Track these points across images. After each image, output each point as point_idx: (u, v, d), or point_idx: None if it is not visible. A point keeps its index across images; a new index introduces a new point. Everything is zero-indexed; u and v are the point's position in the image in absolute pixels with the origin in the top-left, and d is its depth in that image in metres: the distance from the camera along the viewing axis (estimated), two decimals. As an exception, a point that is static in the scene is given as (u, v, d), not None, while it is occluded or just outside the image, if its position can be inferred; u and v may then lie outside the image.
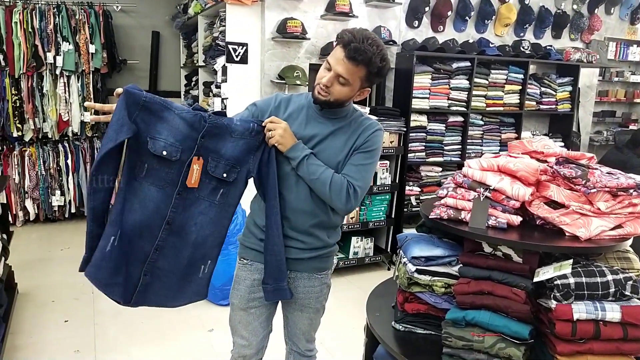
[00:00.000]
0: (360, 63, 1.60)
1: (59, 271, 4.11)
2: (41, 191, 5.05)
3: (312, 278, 1.86)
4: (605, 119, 6.22)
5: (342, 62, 1.61)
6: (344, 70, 1.62)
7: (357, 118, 1.79)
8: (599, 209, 1.58)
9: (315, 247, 1.82)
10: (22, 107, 4.87)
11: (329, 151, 1.73)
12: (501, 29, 4.86)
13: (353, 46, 1.58)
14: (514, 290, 1.52)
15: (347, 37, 1.60)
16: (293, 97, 1.82)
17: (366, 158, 1.74)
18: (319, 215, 1.77)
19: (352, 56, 1.59)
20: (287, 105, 1.78)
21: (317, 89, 1.69)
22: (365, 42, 1.59)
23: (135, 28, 5.66)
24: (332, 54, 1.65)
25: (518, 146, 1.92)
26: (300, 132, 1.73)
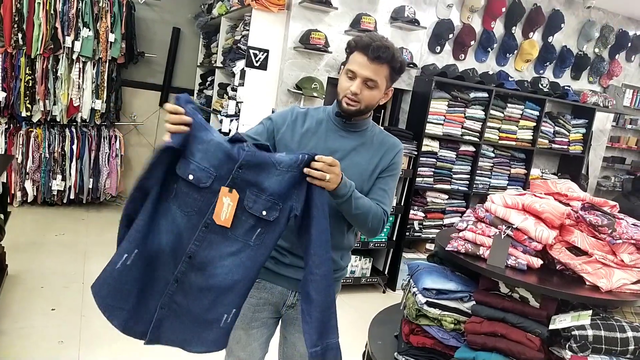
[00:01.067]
0: (384, 61, 1.58)
1: (52, 257, 4.04)
2: (42, 174, 4.99)
3: None
4: (614, 165, 6.20)
5: (366, 65, 1.58)
6: (371, 73, 1.58)
7: (378, 134, 1.76)
8: (623, 260, 1.53)
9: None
10: (34, 88, 4.82)
11: (353, 168, 1.67)
12: (522, 64, 4.85)
13: (375, 45, 1.56)
14: (528, 336, 1.47)
15: (364, 40, 1.59)
16: (310, 110, 1.77)
17: (393, 180, 1.73)
18: (335, 235, 1.67)
19: (377, 56, 1.57)
20: (304, 119, 1.73)
21: (345, 100, 1.63)
22: (382, 40, 1.60)
23: (156, 22, 5.64)
24: (351, 62, 1.62)
25: (542, 186, 1.87)
26: (320, 147, 1.67)
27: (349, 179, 1.62)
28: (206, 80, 5.49)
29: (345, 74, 1.63)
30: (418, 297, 1.70)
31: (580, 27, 5.03)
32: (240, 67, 3.98)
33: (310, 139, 1.67)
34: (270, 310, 1.79)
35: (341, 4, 3.97)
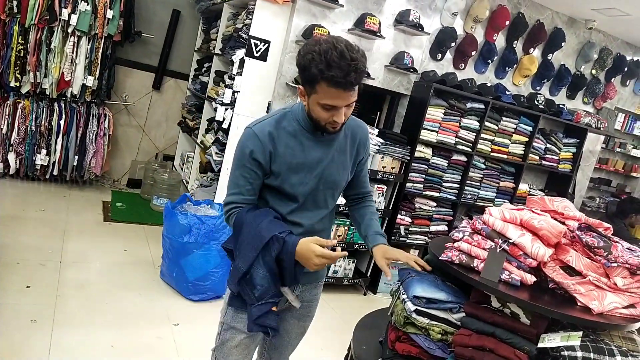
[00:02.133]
0: (359, 81, 1.47)
1: (30, 233, 3.94)
2: (27, 147, 4.87)
3: (317, 286, 1.88)
4: (600, 186, 6.28)
5: (344, 96, 1.47)
6: (349, 99, 1.50)
7: (347, 125, 1.70)
8: (616, 284, 1.53)
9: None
10: (26, 59, 4.69)
11: (339, 168, 1.72)
12: (519, 79, 4.87)
13: (350, 79, 1.42)
14: (517, 353, 1.46)
15: (337, 74, 1.41)
16: (279, 122, 1.62)
17: (367, 162, 1.89)
18: (328, 227, 1.81)
19: (352, 85, 1.45)
20: (277, 135, 1.60)
21: (329, 127, 1.56)
22: (348, 60, 1.41)
23: (157, 2, 5.53)
24: (323, 95, 1.47)
25: (538, 202, 1.86)
26: (304, 160, 1.62)
27: (336, 179, 1.71)
28: (203, 66, 5.41)
29: (321, 106, 1.50)
30: (407, 304, 1.68)
31: (580, 47, 5.07)
32: (240, 56, 3.92)
33: (292, 156, 1.61)
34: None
35: (347, 2, 3.93)
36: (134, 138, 5.83)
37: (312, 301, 1.86)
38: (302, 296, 1.80)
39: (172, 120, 5.90)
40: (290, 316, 1.84)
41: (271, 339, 1.90)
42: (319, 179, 1.66)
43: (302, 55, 1.48)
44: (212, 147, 4.30)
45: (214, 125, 4.48)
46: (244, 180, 1.61)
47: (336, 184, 1.72)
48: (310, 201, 1.67)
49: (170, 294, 3.52)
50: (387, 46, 4.17)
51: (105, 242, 4.13)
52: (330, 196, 1.72)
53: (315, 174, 1.64)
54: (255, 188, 1.63)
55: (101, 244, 4.07)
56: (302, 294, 1.80)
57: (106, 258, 3.85)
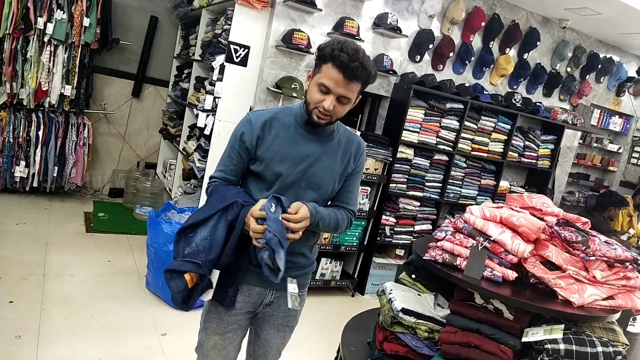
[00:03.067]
0: (360, 79, 1.54)
1: (11, 247, 3.87)
2: (5, 159, 4.78)
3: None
4: (579, 181, 6.41)
5: (342, 83, 1.53)
6: (346, 91, 1.55)
7: (343, 133, 1.77)
8: (595, 277, 1.57)
9: (302, 266, 1.79)
10: (1, 69, 4.62)
11: (325, 171, 1.70)
12: (497, 79, 4.95)
13: (354, 66, 1.50)
14: (501, 348, 1.49)
15: (342, 57, 1.50)
16: (277, 114, 1.70)
17: (358, 180, 1.82)
18: (308, 237, 1.74)
19: (355, 75, 1.52)
20: (271, 125, 1.67)
21: (315, 113, 1.59)
22: (359, 55, 1.52)
23: (134, 9, 5.50)
24: (325, 76, 1.54)
25: (517, 199, 1.91)
26: (291, 153, 1.66)
27: (321, 181, 1.70)
28: (182, 72, 5.39)
29: (317, 86, 1.56)
30: (394, 304, 1.70)
31: (555, 46, 5.17)
32: (220, 61, 3.92)
33: (280, 146, 1.66)
34: (248, 311, 1.77)
35: (325, 6, 3.96)
36: (114, 147, 5.77)
37: (290, 311, 1.81)
38: (277, 302, 1.77)
39: (153, 128, 5.86)
40: (269, 326, 1.83)
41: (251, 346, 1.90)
42: (302, 175, 1.67)
43: (324, 42, 1.60)
44: (194, 153, 4.29)
45: (196, 132, 4.47)
46: (229, 160, 1.71)
47: (319, 187, 1.70)
48: (290, 196, 1.65)
49: (157, 304, 3.50)
50: (366, 49, 4.18)
51: (88, 253, 4.08)
52: (313, 200, 1.70)
53: (299, 168, 1.66)
54: (238, 170, 1.71)
55: (84, 255, 4.02)
56: (278, 300, 1.77)
57: (90, 270, 3.80)
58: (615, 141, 6.58)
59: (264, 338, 1.86)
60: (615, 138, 6.62)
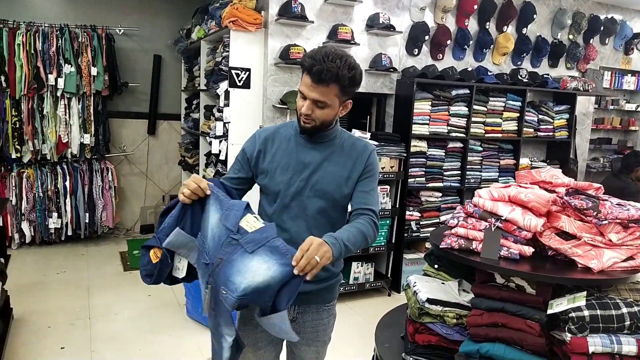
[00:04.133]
0: (329, 82, 1.58)
1: (55, 295, 4.05)
2: (38, 213, 5.00)
3: (320, 310, 1.82)
4: (601, 146, 6.30)
5: (312, 87, 1.59)
6: (317, 95, 1.59)
7: (347, 139, 1.79)
8: (611, 240, 1.58)
9: (323, 279, 1.77)
10: (22, 129, 4.85)
11: (328, 177, 1.72)
12: (499, 58, 4.94)
13: (316, 69, 1.56)
14: (528, 323, 1.51)
15: (307, 62, 1.58)
16: (279, 128, 1.80)
17: (372, 181, 1.77)
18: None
19: (320, 79, 1.56)
20: (273, 140, 1.76)
21: (301, 119, 1.67)
22: (327, 59, 1.56)
23: (137, 51, 5.70)
24: (302, 83, 1.63)
25: (526, 176, 1.93)
26: (292, 162, 1.71)
27: (325, 187, 1.71)
28: (192, 103, 5.54)
29: (299, 94, 1.65)
30: (419, 295, 1.74)
31: (552, 16, 5.13)
32: (224, 88, 4.03)
33: (282, 157, 1.72)
34: None
35: (317, 17, 4.04)
36: (139, 185, 5.96)
37: (318, 326, 1.82)
38: (302, 318, 1.79)
39: (173, 161, 6.02)
40: (300, 342, 1.83)
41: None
42: (305, 183, 1.71)
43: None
44: (214, 180, 4.40)
45: (212, 159, 4.59)
46: (233, 170, 1.81)
47: (324, 193, 1.71)
48: (296, 206, 1.69)
49: (200, 330, 3.59)
50: (364, 51, 4.27)
51: (129, 291, 4.22)
52: (321, 207, 1.71)
53: (301, 177, 1.70)
54: (237, 179, 1.78)
55: (125, 293, 4.17)
56: (302, 316, 1.79)
57: (132, 306, 3.94)
58: (632, 100, 6.45)
59: (298, 355, 1.89)
60: (632, 97, 6.49)
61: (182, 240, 1.55)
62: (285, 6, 3.86)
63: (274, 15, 3.90)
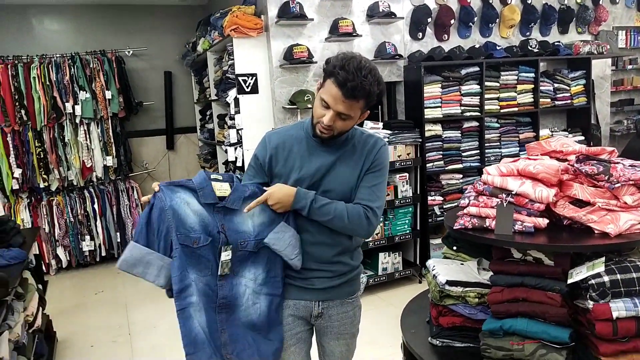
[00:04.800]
0: (360, 98, 1.56)
1: (95, 315, 4.18)
2: (71, 238, 5.17)
3: (344, 304, 1.84)
4: (623, 108, 6.12)
5: (341, 100, 1.55)
6: (344, 108, 1.57)
7: (359, 136, 1.77)
8: (626, 203, 1.56)
9: (343, 273, 1.80)
10: (46, 158, 5.02)
11: (340, 178, 1.72)
12: (506, 31, 4.85)
13: (350, 85, 1.52)
14: (549, 295, 1.50)
15: (341, 75, 1.52)
16: (289, 131, 1.79)
17: (377, 177, 1.74)
18: (341, 243, 1.76)
19: (353, 95, 1.54)
20: (284, 142, 1.75)
21: (318, 127, 1.64)
22: (360, 75, 1.53)
23: (147, 70, 5.82)
24: (326, 91, 1.58)
25: (536, 147, 1.91)
26: (305, 166, 1.72)
27: (337, 188, 1.72)
28: (205, 114, 5.63)
29: (320, 101, 1.61)
30: (439, 278, 1.75)
31: (557, -19, 5.02)
32: (233, 95, 4.09)
33: (295, 159, 1.72)
34: (302, 324, 1.83)
35: (316, 14, 4.05)
36: (164, 200, 6.07)
37: (344, 319, 1.84)
38: (327, 313, 1.81)
39: (194, 173, 6.01)
40: (328, 337, 1.86)
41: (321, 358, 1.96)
42: (319, 185, 1.72)
43: (334, 56, 1.62)
44: (234, 187, 4.47)
45: (230, 166, 4.65)
46: (247, 176, 1.82)
47: (337, 195, 1.72)
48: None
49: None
50: (367, 42, 4.26)
51: (165, 303, 4.25)
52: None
53: (314, 179, 1.71)
54: (254, 182, 1.79)
55: (162, 306, 4.26)
56: (327, 311, 1.81)
57: (170, 317, 3.98)
58: (651, 57, 6.25)
59: (329, 350, 1.91)
60: (651, 53, 6.29)
61: (136, 254, 1.60)
62: (284, 7, 3.88)
63: (274, 17, 3.93)
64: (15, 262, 2.67)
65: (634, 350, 1.42)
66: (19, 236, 3.00)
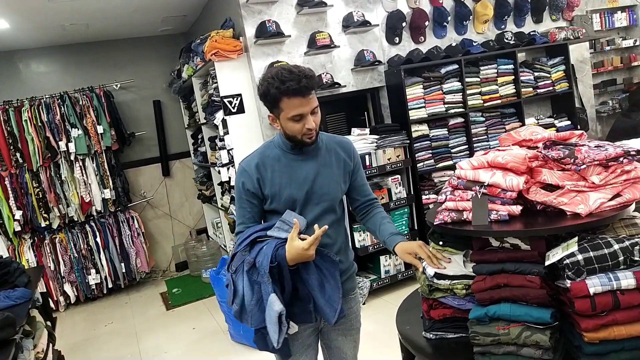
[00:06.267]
0: (312, 88, 1.69)
1: (107, 346, 4.23)
2: (77, 273, 5.23)
3: (348, 300, 1.96)
4: (607, 89, 6.20)
5: (305, 102, 1.68)
6: (311, 105, 1.71)
7: (326, 140, 1.91)
8: (594, 182, 1.61)
9: (343, 271, 1.91)
10: (45, 198, 5.10)
11: (328, 180, 1.85)
12: (481, 26, 4.95)
13: (303, 84, 1.64)
14: (528, 278, 1.55)
15: (288, 85, 1.63)
16: (263, 153, 1.84)
17: (362, 172, 2.02)
18: (338, 240, 1.89)
19: (307, 88, 1.66)
20: (264, 164, 1.80)
21: (305, 138, 1.74)
22: (296, 71, 1.66)
23: (136, 101, 5.92)
24: (289, 108, 1.67)
25: (507, 138, 1.97)
26: (292, 178, 1.80)
27: (326, 190, 1.83)
28: (197, 138, 5.72)
29: (291, 120, 1.69)
30: (427, 271, 1.81)
31: (525, -28, 5.12)
32: (220, 117, 4.17)
33: (281, 177, 1.79)
34: (311, 331, 1.92)
35: (293, 30, 4.15)
36: (165, 226, 6.16)
37: (349, 315, 1.96)
38: None
39: (192, 197, 6.21)
40: (336, 334, 1.96)
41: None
42: (311, 194, 1.82)
43: (260, 85, 1.73)
44: (230, 206, 4.54)
45: (225, 186, 4.73)
46: (243, 210, 1.84)
47: (329, 196, 1.84)
48: (308, 214, 1.80)
49: (245, 351, 3.71)
50: (346, 52, 4.36)
51: (174, 328, 4.38)
52: (327, 208, 1.85)
53: (305, 189, 1.81)
54: (255, 214, 1.84)
55: (171, 331, 4.32)
56: None
57: (180, 342, 4.09)
58: (628, 36, 6.34)
59: (337, 347, 1.99)
60: (627, 33, 6.38)
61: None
62: (261, 27, 3.98)
63: (252, 38, 4.03)
64: (22, 302, 2.74)
65: (613, 322, 1.47)
66: (24, 276, 3.07)
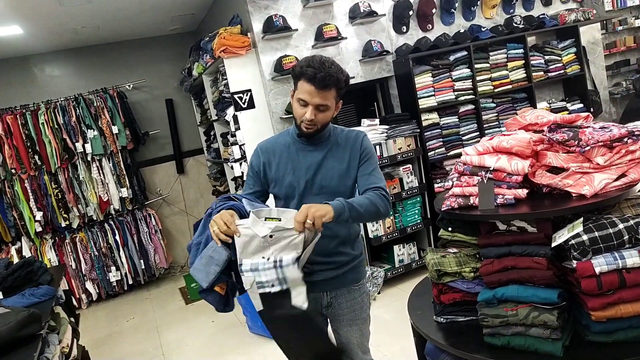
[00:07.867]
0: (331, 86, 1.74)
1: (129, 341, 4.35)
2: (98, 271, 5.36)
3: (351, 291, 1.99)
4: (620, 70, 6.11)
5: (315, 93, 1.73)
6: (320, 100, 1.75)
7: (340, 133, 1.95)
8: (598, 163, 1.63)
9: (345, 263, 1.95)
10: (65, 198, 5.22)
11: (330, 172, 1.89)
12: (489, 11, 4.92)
13: (320, 76, 1.70)
14: (535, 260, 1.58)
15: (309, 71, 1.71)
16: (277, 138, 1.97)
17: (371, 164, 1.91)
18: (338, 233, 1.90)
19: (324, 84, 1.72)
20: (274, 150, 1.92)
21: (303, 126, 1.82)
22: (325, 66, 1.72)
23: (149, 101, 6.01)
24: (300, 91, 1.76)
25: (514, 123, 1.99)
26: (297, 166, 1.88)
27: (329, 182, 1.87)
28: (209, 135, 5.79)
29: (297, 102, 1.79)
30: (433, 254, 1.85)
31: (533, -45, 5.06)
32: (231, 113, 4.23)
33: (286, 164, 1.88)
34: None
35: (300, 23, 4.18)
36: (182, 223, 6.26)
37: (354, 305, 1.98)
38: (336, 302, 1.95)
39: (207, 193, 6.29)
40: (341, 324, 2.00)
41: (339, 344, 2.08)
42: (312, 183, 1.87)
43: (296, 63, 1.83)
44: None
45: (239, 182, 4.79)
46: (247, 185, 1.97)
47: (329, 188, 1.87)
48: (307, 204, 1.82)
49: (263, 342, 3.78)
50: (353, 43, 4.37)
51: (194, 321, 4.48)
52: (327, 200, 1.81)
53: (307, 178, 1.87)
54: (254, 193, 1.93)
55: (191, 325, 4.42)
56: (336, 300, 1.95)
57: (200, 335, 4.18)
58: (641, 15, 6.24)
59: (344, 336, 2.04)
60: (640, 12, 6.28)
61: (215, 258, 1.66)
62: (268, 22, 4.02)
63: (260, 33, 4.07)
64: (46, 299, 2.83)
65: (619, 301, 1.49)
66: (47, 274, 3.16)
